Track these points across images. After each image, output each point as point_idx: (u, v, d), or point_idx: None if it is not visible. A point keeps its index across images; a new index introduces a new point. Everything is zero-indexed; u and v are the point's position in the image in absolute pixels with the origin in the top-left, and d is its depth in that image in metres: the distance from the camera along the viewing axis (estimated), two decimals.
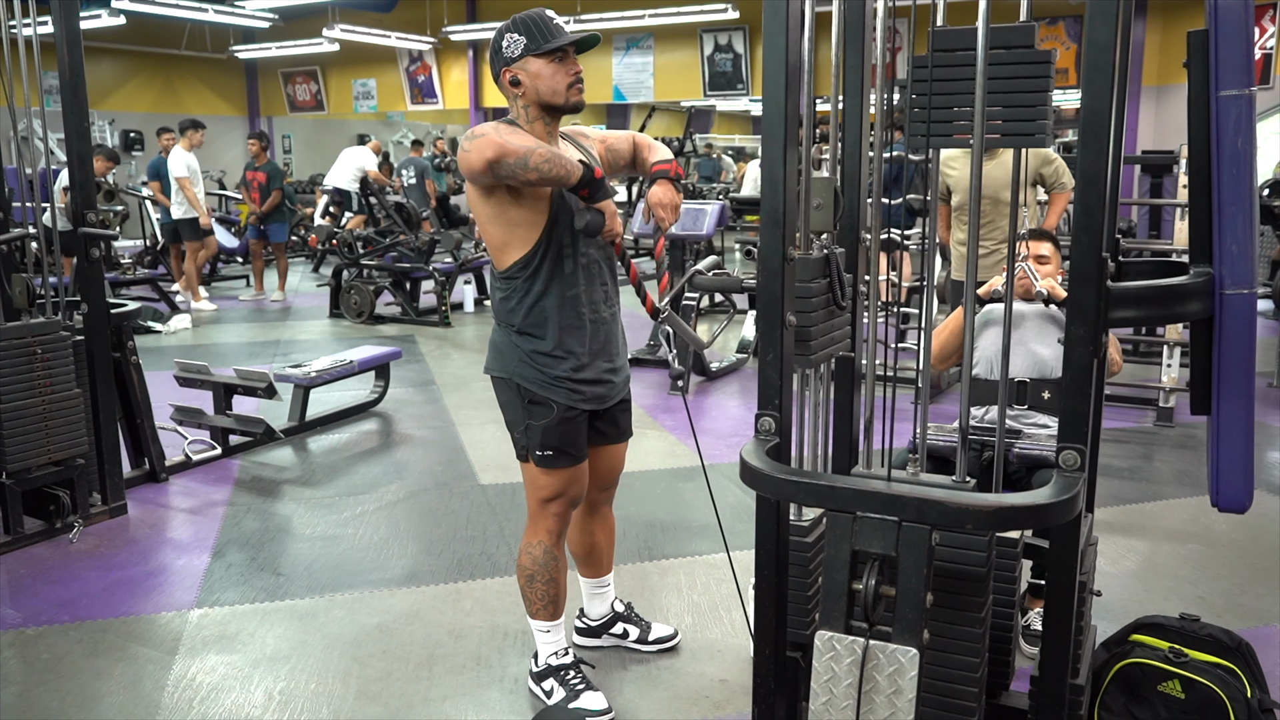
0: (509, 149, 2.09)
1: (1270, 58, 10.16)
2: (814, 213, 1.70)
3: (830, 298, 1.80)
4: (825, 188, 1.68)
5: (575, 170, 2.15)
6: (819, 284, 1.74)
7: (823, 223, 1.70)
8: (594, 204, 2.21)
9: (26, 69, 3.46)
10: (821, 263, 1.75)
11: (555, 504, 2.38)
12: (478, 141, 2.11)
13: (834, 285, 1.79)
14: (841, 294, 1.82)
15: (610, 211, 2.23)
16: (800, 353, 1.73)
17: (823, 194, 1.69)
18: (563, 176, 2.14)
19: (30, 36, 3.45)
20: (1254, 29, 1.61)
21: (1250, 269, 1.56)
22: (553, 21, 2.23)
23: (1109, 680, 2.12)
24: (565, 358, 2.30)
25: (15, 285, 3.46)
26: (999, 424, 1.78)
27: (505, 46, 2.23)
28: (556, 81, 2.22)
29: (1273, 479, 4.19)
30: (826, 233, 1.79)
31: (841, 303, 1.83)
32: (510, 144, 2.09)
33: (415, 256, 8.29)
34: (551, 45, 2.19)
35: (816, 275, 1.74)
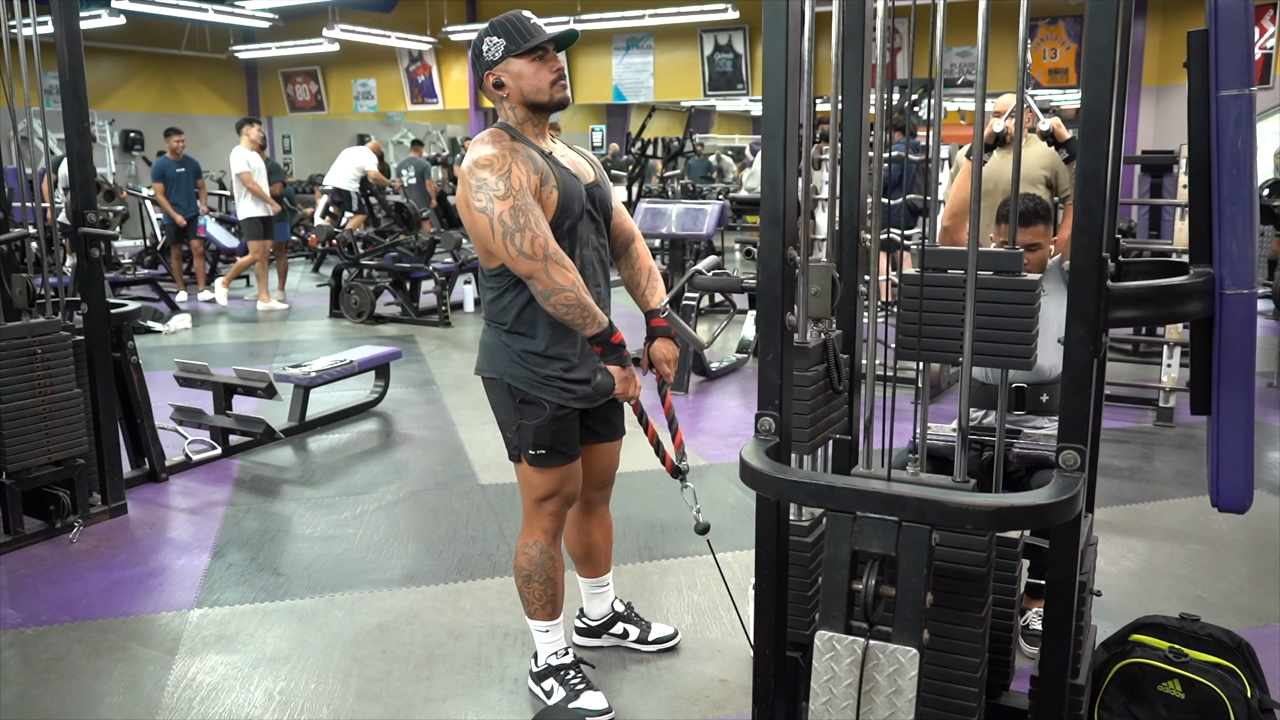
0: (540, 279, 2.13)
1: (1270, 58, 10.16)
2: (812, 299, 1.70)
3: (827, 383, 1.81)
4: (823, 275, 1.68)
5: (594, 326, 2.20)
6: (815, 371, 1.75)
7: (820, 309, 1.71)
8: (607, 364, 2.26)
9: (26, 69, 3.46)
10: (819, 350, 1.76)
11: (550, 503, 2.38)
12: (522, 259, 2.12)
13: (830, 370, 1.80)
14: (839, 378, 1.82)
15: (622, 377, 2.28)
16: (798, 439, 1.74)
17: (820, 281, 1.69)
18: (578, 326, 2.19)
19: (30, 36, 3.45)
20: (1254, 29, 1.61)
21: (1250, 269, 1.56)
22: (530, 21, 2.23)
23: (1109, 680, 2.12)
24: (556, 358, 2.30)
25: (15, 285, 3.46)
26: (999, 424, 1.78)
27: (485, 50, 2.23)
28: (539, 80, 2.22)
29: (1273, 479, 4.19)
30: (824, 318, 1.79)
31: (839, 387, 1.84)
32: (547, 275, 2.12)
33: (415, 256, 8.29)
34: (530, 44, 2.20)
35: (814, 362, 1.75)
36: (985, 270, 1.70)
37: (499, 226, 2.12)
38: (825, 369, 1.79)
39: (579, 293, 2.16)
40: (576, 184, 2.28)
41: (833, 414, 1.86)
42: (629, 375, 2.29)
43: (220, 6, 12.33)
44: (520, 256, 2.13)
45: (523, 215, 2.12)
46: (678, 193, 11.89)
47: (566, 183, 2.25)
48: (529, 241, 2.12)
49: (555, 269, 2.14)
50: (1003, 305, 1.70)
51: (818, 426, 1.78)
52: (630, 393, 2.31)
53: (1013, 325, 1.70)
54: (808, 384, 1.73)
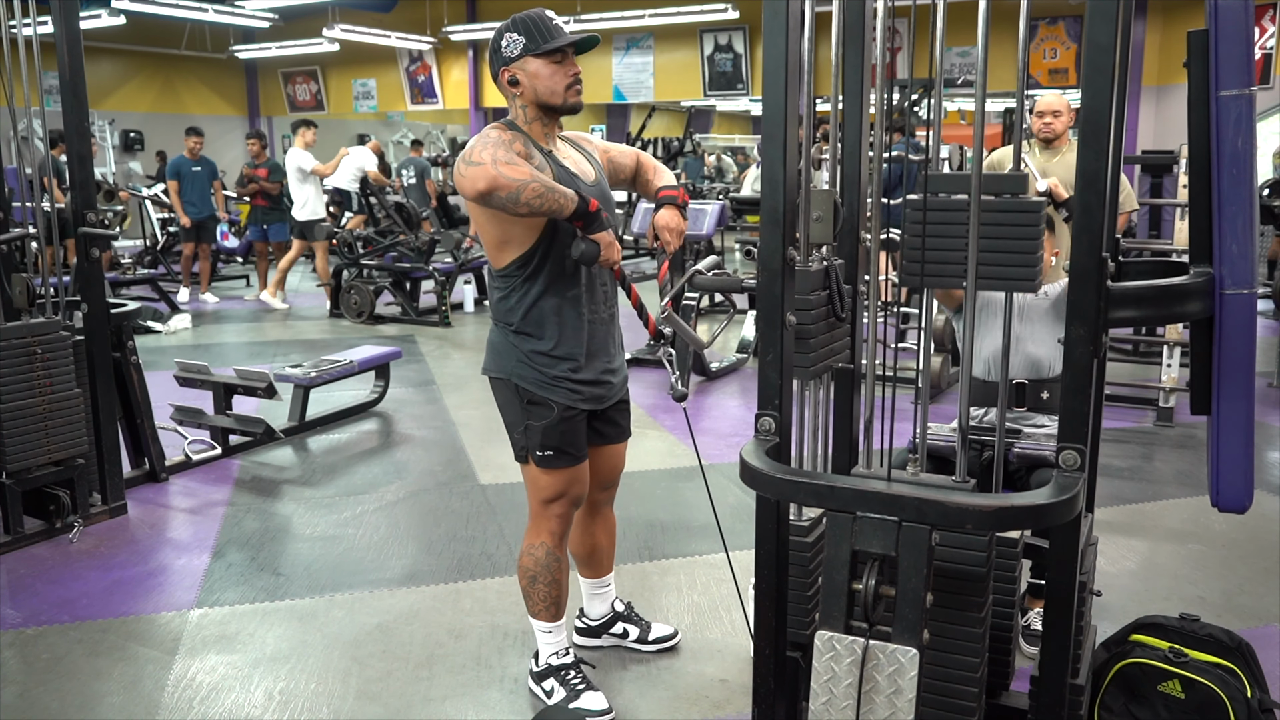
0: (500, 182, 2.08)
1: (1270, 58, 10.15)
2: (814, 225, 1.70)
3: (830, 309, 1.81)
4: (825, 200, 1.68)
5: (569, 203, 2.15)
6: (818, 295, 1.75)
7: (822, 235, 1.70)
8: (590, 235, 2.21)
9: (26, 69, 3.46)
10: (821, 275, 1.76)
11: (557, 505, 2.38)
12: (472, 170, 2.10)
13: (833, 297, 1.80)
14: (841, 305, 1.82)
15: (605, 242, 2.23)
16: (800, 364, 1.73)
17: (822, 206, 1.69)
18: (555, 210, 2.14)
19: (30, 36, 3.45)
20: (1254, 29, 1.61)
21: (1250, 269, 1.56)
22: (552, 22, 2.23)
23: (1109, 680, 2.12)
24: (564, 358, 2.30)
25: (15, 285, 3.46)
26: (999, 424, 1.78)
27: (504, 46, 2.22)
28: (555, 82, 2.22)
29: (1273, 479, 4.18)
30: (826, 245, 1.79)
31: (841, 314, 1.83)
32: (503, 177, 2.08)
33: (415, 256, 8.29)
34: (550, 46, 2.19)
35: (816, 287, 1.74)
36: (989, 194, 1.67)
37: (461, 164, 2.12)
38: (828, 295, 1.78)
39: (541, 179, 2.12)
40: (575, 182, 2.28)
41: (835, 343, 1.86)
42: (611, 240, 2.26)
43: (220, 6, 12.32)
44: (471, 169, 2.09)
45: (490, 149, 2.11)
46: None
47: (564, 180, 2.25)
48: (479, 152, 2.10)
49: (508, 169, 2.10)
50: (1006, 227, 1.66)
51: (820, 353, 1.78)
52: (613, 257, 2.27)
53: (1017, 247, 1.66)
54: (810, 308, 1.72)
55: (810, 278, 1.72)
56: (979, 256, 1.65)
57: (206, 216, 9.13)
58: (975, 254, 1.63)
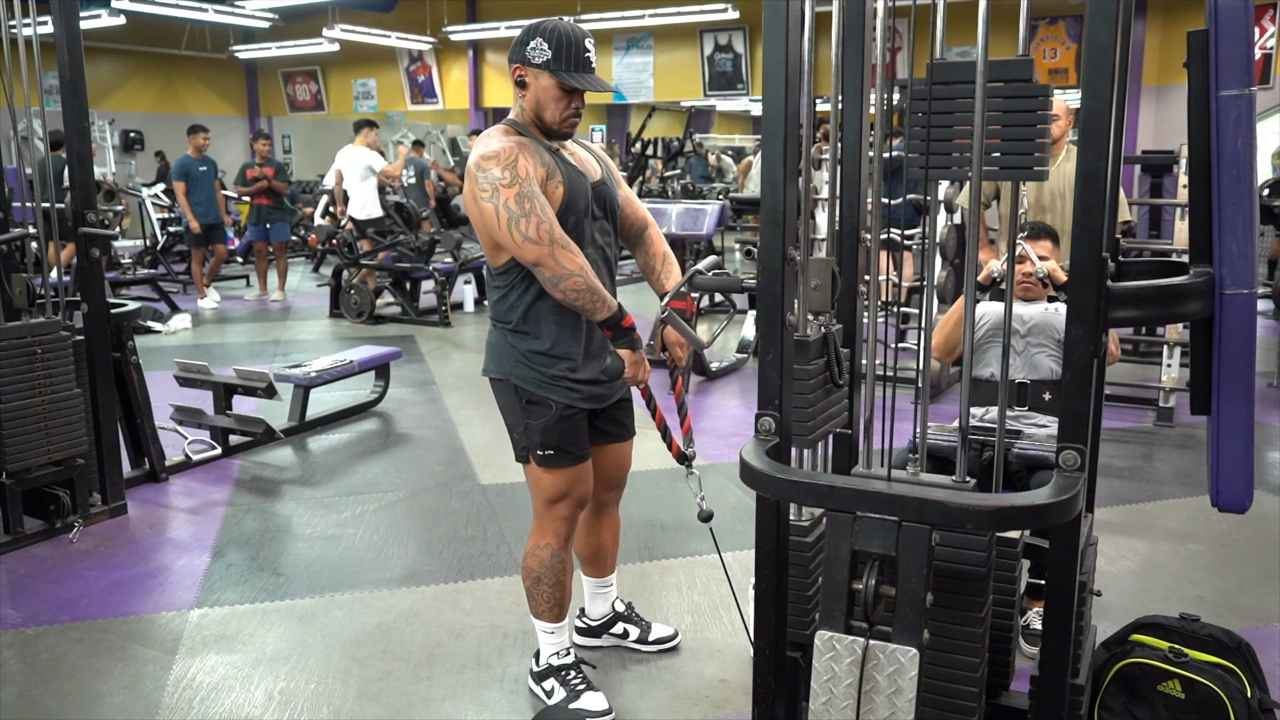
0: (549, 265, 2.12)
1: (1270, 58, 10.15)
2: (812, 293, 1.69)
3: (828, 377, 1.80)
4: (823, 269, 1.67)
5: (605, 310, 2.18)
6: (816, 365, 1.74)
7: (820, 303, 1.70)
8: (617, 347, 2.24)
9: (26, 69, 3.46)
10: (819, 343, 1.75)
11: (561, 505, 2.37)
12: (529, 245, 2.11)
13: (831, 364, 1.80)
14: (839, 372, 1.82)
15: (632, 360, 2.25)
16: (798, 433, 1.73)
17: (820, 275, 1.68)
18: (589, 310, 2.18)
19: (30, 36, 3.45)
20: (1254, 29, 1.61)
21: (1250, 269, 1.56)
22: (585, 54, 2.20)
23: (1109, 680, 2.12)
24: (562, 357, 2.30)
25: (15, 285, 3.46)
26: (999, 424, 1.78)
27: (530, 47, 2.20)
28: (557, 107, 2.22)
29: (1273, 479, 4.18)
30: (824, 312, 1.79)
31: (839, 380, 1.83)
32: (554, 262, 2.11)
33: (415, 256, 8.28)
34: (569, 81, 2.18)
35: (814, 356, 1.74)
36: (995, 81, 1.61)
37: (504, 214, 2.12)
38: (825, 363, 1.78)
39: (588, 277, 2.15)
40: (583, 181, 2.28)
41: (833, 408, 1.86)
42: (639, 359, 2.27)
43: (220, 6, 12.32)
44: (526, 242, 2.12)
45: (528, 201, 2.11)
46: (678, 193, 11.89)
47: (572, 179, 2.25)
48: (534, 227, 2.11)
49: (562, 254, 2.12)
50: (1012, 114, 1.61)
51: (818, 421, 1.78)
52: (640, 376, 2.29)
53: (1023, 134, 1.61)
54: (808, 378, 1.72)
55: (809, 347, 1.72)
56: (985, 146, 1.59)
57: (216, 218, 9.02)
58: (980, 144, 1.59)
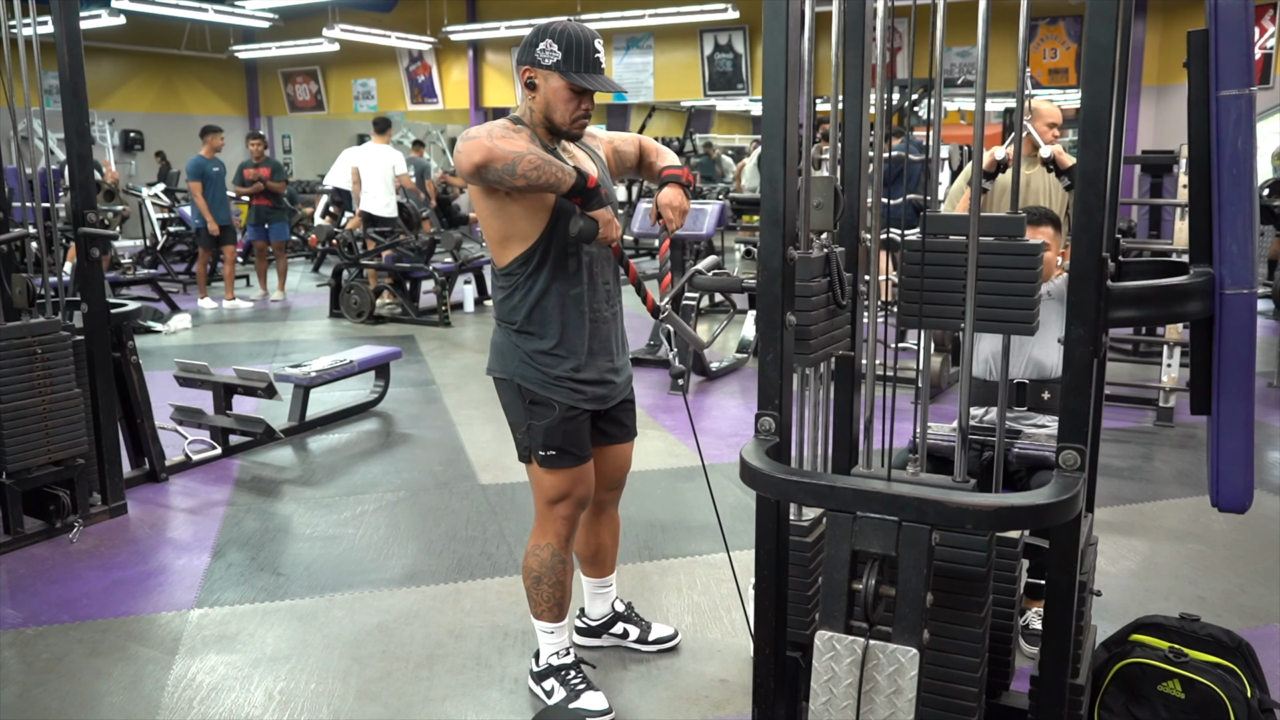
0: (496, 154, 2.08)
1: (1270, 58, 10.15)
2: (814, 212, 1.70)
3: (830, 297, 1.80)
4: (825, 187, 1.69)
5: (567, 178, 2.14)
6: (819, 283, 1.74)
7: (823, 222, 1.71)
8: (588, 211, 2.20)
9: (26, 69, 3.46)
10: (821, 262, 1.75)
11: (562, 506, 2.37)
12: (468, 144, 2.11)
13: (834, 284, 1.79)
14: (841, 293, 1.82)
15: (605, 219, 2.22)
16: (800, 351, 1.73)
17: (822, 193, 1.69)
18: (552, 184, 2.14)
19: (30, 36, 3.45)
20: (1254, 29, 1.61)
21: (1250, 269, 1.56)
22: (595, 55, 2.21)
23: (1109, 680, 2.12)
24: (566, 357, 2.30)
25: (15, 285, 3.46)
26: (999, 424, 1.78)
27: (540, 48, 2.20)
28: (566, 108, 2.22)
29: (1273, 479, 4.18)
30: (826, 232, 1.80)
31: (841, 301, 1.83)
32: (499, 149, 2.09)
33: (415, 256, 8.29)
34: (579, 82, 2.18)
35: (817, 274, 1.74)
36: (986, 235, 1.68)
37: (459, 143, 2.13)
38: (829, 282, 1.78)
39: (538, 152, 2.13)
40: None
41: (836, 330, 1.86)
42: (610, 218, 2.25)
43: (220, 6, 12.32)
44: (467, 144, 2.10)
45: (486, 127, 2.12)
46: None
47: None
48: (478, 131, 2.12)
49: (504, 142, 2.11)
50: (1005, 270, 1.67)
51: (821, 340, 1.78)
52: (612, 235, 2.27)
53: (1015, 290, 1.67)
54: (811, 294, 1.72)
55: (811, 264, 1.72)
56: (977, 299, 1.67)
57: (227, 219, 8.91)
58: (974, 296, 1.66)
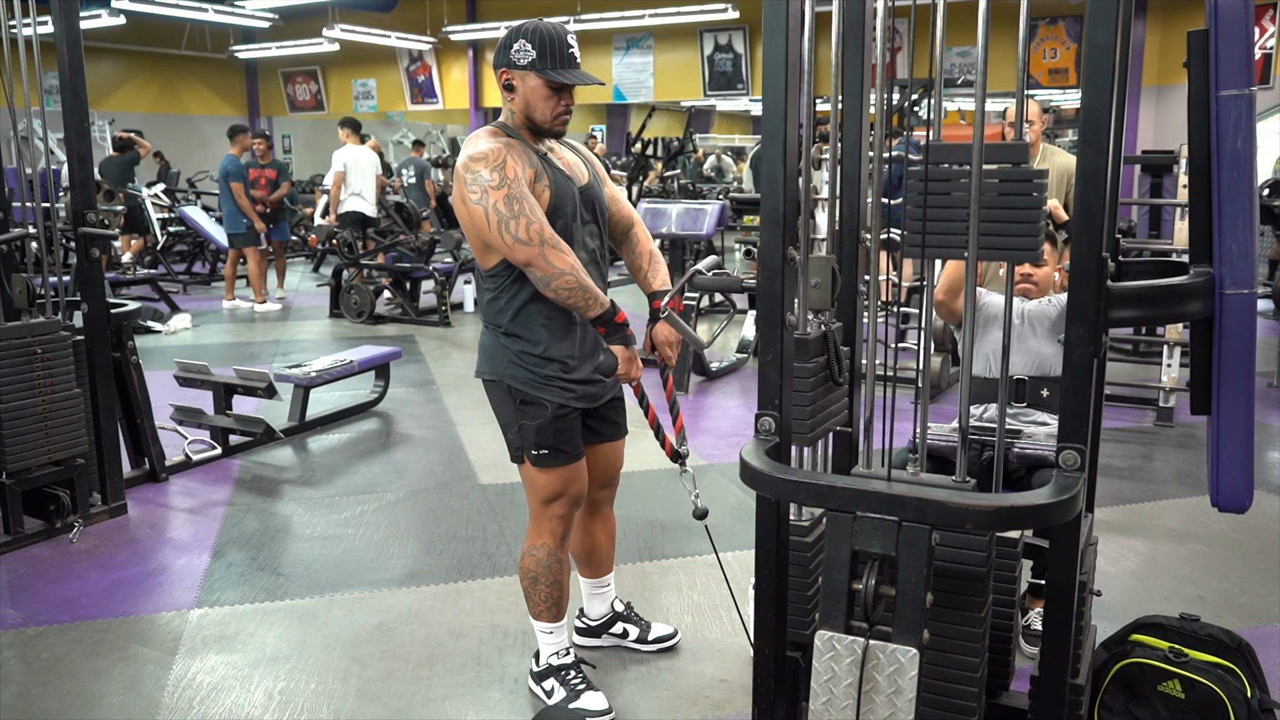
0: (539, 265, 2.13)
1: (1270, 58, 10.16)
2: (812, 291, 1.69)
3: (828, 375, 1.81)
4: (823, 267, 1.68)
5: (597, 307, 2.18)
6: (816, 363, 1.75)
7: (820, 301, 1.70)
8: (610, 344, 2.24)
9: (26, 69, 3.46)
10: (819, 342, 1.76)
11: (557, 504, 2.38)
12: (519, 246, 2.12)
13: (831, 362, 1.80)
14: (839, 370, 1.82)
15: (625, 357, 2.26)
16: (798, 430, 1.73)
17: (820, 273, 1.68)
18: (581, 308, 2.18)
19: (30, 36, 3.45)
20: (1254, 29, 1.61)
21: (1250, 269, 1.56)
22: (569, 50, 2.21)
23: (1109, 680, 2.12)
24: (554, 359, 2.30)
25: (15, 285, 3.46)
26: (999, 424, 1.78)
27: (514, 49, 2.21)
28: (547, 107, 2.23)
29: (1273, 479, 4.18)
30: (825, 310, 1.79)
31: (839, 379, 1.84)
32: (545, 261, 2.12)
33: (415, 256, 8.28)
34: (556, 79, 2.19)
35: (814, 355, 1.74)
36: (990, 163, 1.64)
37: (494, 215, 2.12)
38: (825, 361, 1.78)
39: (579, 275, 2.15)
40: (570, 185, 2.28)
41: (833, 406, 1.86)
42: (632, 356, 2.28)
43: (220, 6, 12.33)
44: (516, 244, 2.12)
45: (517, 203, 2.12)
46: (677, 193, 11.89)
47: (559, 184, 2.25)
48: (524, 228, 2.12)
49: (552, 253, 2.13)
50: (1009, 196, 1.64)
51: (818, 419, 1.78)
52: (633, 373, 2.30)
53: (1019, 216, 1.64)
54: (808, 375, 1.72)
55: (808, 345, 1.72)
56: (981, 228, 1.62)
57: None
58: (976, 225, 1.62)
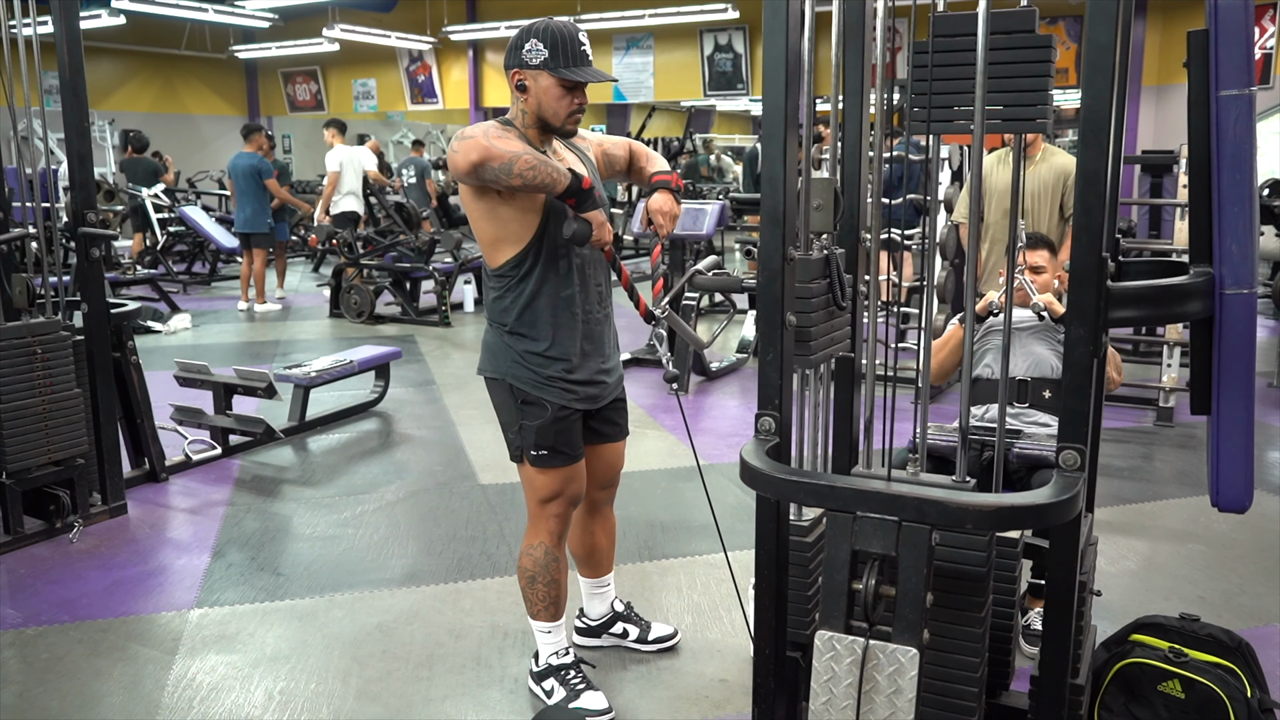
0: (493, 153, 2.09)
1: (1270, 58, 10.16)
2: (814, 213, 1.70)
3: (830, 298, 1.80)
4: (825, 188, 1.68)
5: (561, 179, 2.15)
6: (819, 284, 1.74)
7: (823, 223, 1.71)
8: (581, 213, 2.21)
9: (26, 69, 3.46)
10: (821, 263, 1.75)
11: (554, 504, 2.38)
12: (464, 144, 2.11)
13: (834, 285, 1.79)
14: (841, 294, 1.82)
15: (598, 221, 2.23)
16: (800, 353, 1.73)
17: (822, 194, 1.69)
18: (548, 184, 2.14)
19: (30, 36, 3.45)
20: (1254, 29, 1.61)
21: (1250, 269, 1.56)
22: (581, 48, 2.21)
23: (1109, 680, 2.12)
24: (558, 359, 2.30)
25: (15, 285, 3.46)
26: (999, 424, 1.78)
27: (526, 49, 2.21)
28: (560, 106, 2.23)
29: (1273, 479, 4.18)
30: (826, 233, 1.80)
31: (841, 303, 1.83)
32: (495, 148, 2.09)
33: (415, 256, 8.28)
34: (569, 76, 2.19)
35: (816, 276, 1.74)
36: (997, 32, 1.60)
37: (455, 144, 2.13)
38: (828, 283, 1.78)
39: (533, 153, 2.13)
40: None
41: (836, 331, 1.85)
42: (603, 220, 2.26)
43: (220, 6, 12.33)
44: (464, 144, 2.11)
45: (476, 138, 2.12)
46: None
47: None
48: (476, 140, 2.11)
49: (499, 141, 2.12)
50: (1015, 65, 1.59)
51: (821, 342, 1.77)
52: (604, 238, 2.28)
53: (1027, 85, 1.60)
54: (811, 295, 1.72)
55: (810, 266, 1.72)
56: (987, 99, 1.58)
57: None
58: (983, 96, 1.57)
